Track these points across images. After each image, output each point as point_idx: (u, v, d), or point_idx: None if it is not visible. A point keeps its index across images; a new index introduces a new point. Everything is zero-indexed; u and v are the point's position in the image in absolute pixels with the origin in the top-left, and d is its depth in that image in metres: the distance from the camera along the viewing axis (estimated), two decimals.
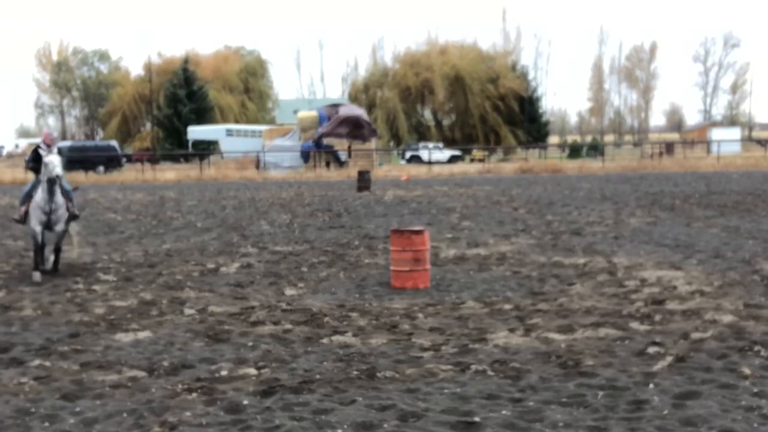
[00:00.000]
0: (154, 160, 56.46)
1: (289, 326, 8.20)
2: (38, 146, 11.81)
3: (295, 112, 63.96)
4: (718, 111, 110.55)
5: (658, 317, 8.26)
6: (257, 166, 47.22)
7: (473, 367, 6.57)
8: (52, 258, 11.89)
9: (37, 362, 6.97)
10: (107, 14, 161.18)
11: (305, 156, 47.38)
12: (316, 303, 9.50)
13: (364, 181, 30.17)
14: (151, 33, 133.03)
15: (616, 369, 6.46)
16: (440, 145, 67.80)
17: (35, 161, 11.71)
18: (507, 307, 9.09)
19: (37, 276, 11.17)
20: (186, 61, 74.44)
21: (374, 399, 5.83)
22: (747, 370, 6.27)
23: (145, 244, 15.45)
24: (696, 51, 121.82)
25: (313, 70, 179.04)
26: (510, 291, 10.14)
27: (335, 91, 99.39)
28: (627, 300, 9.26)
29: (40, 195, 11.35)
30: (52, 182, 11.25)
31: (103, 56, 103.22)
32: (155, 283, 11.09)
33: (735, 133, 72.80)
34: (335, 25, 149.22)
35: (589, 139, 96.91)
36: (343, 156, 48.24)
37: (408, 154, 63.37)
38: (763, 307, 8.64)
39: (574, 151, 69.38)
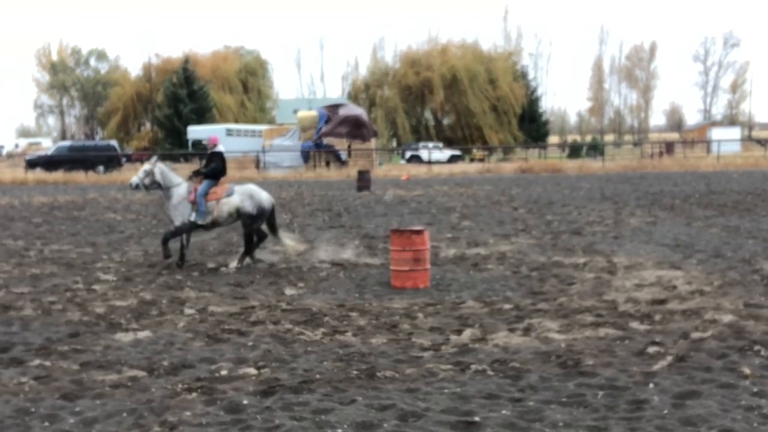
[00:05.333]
0: None
1: (289, 326, 8.21)
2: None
3: (295, 111, 63.81)
4: (718, 110, 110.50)
5: (658, 317, 8.26)
6: (257, 166, 47.17)
7: (473, 366, 6.57)
8: None
9: (37, 362, 6.96)
10: (107, 14, 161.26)
11: (305, 156, 47.33)
12: (316, 303, 9.50)
13: (364, 180, 30.14)
14: (151, 33, 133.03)
15: (616, 369, 6.46)
16: (440, 144, 67.73)
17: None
18: (507, 306, 9.09)
19: None
20: (186, 61, 74.31)
21: (374, 399, 5.83)
22: (747, 370, 6.27)
23: (145, 243, 15.44)
24: (696, 51, 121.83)
25: (314, 69, 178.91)
26: (510, 291, 10.14)
27: (335, 90, 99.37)
28: (627, 300, 9.26)
29: None
30: None
31: (101, 55, 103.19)
32: (155, 282, 11.09)
33: (735, 132, 72.66)
34: (335, 24, 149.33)
35: (589, 138, 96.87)
36: (343, 156, 48.19)
37: (408, 154, 63.32)
38: (763, 306, 8.64)
39: (574, 150, 69.29)
